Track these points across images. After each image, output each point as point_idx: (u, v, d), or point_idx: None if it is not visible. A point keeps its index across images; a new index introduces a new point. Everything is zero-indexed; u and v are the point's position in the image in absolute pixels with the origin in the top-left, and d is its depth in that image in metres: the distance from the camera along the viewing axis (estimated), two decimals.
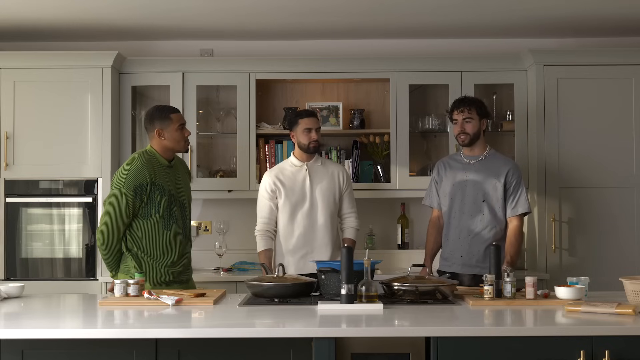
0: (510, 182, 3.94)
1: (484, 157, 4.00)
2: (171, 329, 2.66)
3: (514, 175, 3.95)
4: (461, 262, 3.93)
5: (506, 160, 4.05)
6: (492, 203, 3.93)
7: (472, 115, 3.95)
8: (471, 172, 3.98)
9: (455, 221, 3.98)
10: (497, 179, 3.94)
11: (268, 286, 3.18)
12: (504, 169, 3.95)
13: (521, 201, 3.94)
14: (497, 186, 3.93)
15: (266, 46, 5.17)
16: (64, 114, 4.73)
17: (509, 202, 3.94)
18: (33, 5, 4.34)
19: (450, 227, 4.00)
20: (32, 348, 2.67)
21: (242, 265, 4.92)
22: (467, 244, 3.93)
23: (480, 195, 3.94)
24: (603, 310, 2.85)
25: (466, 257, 3.93)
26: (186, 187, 3.80)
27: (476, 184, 3.95)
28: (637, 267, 4.58)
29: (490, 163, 3.98)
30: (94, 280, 4.70)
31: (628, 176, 4.69)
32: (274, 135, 4.95)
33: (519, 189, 3.95)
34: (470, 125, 3.95)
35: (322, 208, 4.08)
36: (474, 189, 3.95)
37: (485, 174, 3.95)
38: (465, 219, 3.95)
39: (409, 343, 2.65)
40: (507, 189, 3.94)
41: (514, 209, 3.94)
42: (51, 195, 4.76)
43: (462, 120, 3.95)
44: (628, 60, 4.70)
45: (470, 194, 3.96)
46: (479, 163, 3.99)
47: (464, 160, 4.03)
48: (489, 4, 4.38)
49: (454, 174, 4.02)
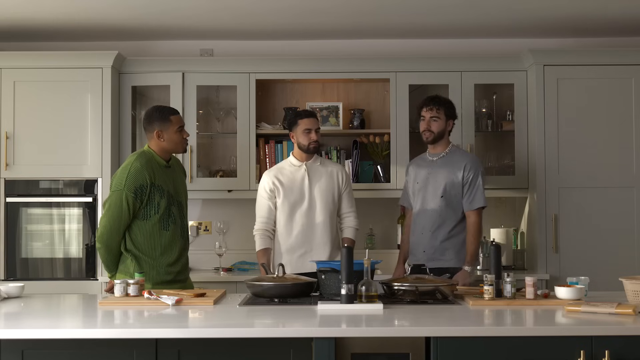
0: (467, 177, 3.96)
1: (446, 154, 4.04)
2: (171, 329, 2.66)
3: (471, 170, 3.96)
4: (425, 257, 3.96)
5: (465, 154, 4.08)
6: (450, 198, 3.96)
7: (439, 115, 3.99)
8: (434, 169, 4.03)
9: (418, 218, 4.04)
10: (454, 174, 3.97)
11: (268, 286, 3.18)
12: (461, 163, 3.98)
13: (477, 195, 3.96)
14: (455, 181, 3.96)
15: (266, 46, 5.18)
16: (64, 114, 4.73)
17: (466, 197, 3.97)
18: (33, 5, 4.34)
19: (416, 224, 4.06)
20: (32, 348, 2.67)
21: (242, 265, 4.92)
22: (427, 238, 3.98)
23: (439, 191, 3.97)
24: (603, 310, 2.85)
25: (429, 251, 3.97)
26: (183, 187, 3.81)
27: (436, 180, 4.00)
28: (637, 267, 4.58)
29: (450, 159, 4.02)
30: (94, 280, 4.70)
31: (628, 176, 4.69)
32: (274, 135, 4.95)
33: (476, 183, 3.96)
34: (436, 124, 3.99)
35: (321, 207, 4.08)
36: (434, 185, 4.00)
37: (446, 169, 3.99)
38: (427, 214, 4.00)
39: (409, 343, 2.65)
40: (465, 183, 3.96)
41: (471, 203, 3.96)
42: (51, 195, 4.76)
43: (429, 118, 4.00)
44: (628, 60, 4.70)
45: (431, 190, 4.00)
46: (440, 160, 4.03)
47: (428, 158, 4.09)
48: (489, 4, 4.38)
49: (420, 172, 4.08)
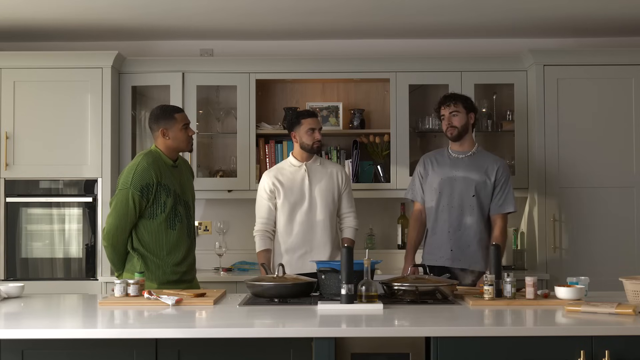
0: (500, 180, 3.97)
1: (473, 154, 4.03)
2: (171, 329, 2.66)
3: (503, 173, 3.99)
4: (451, 256, 3.95)
5: (496, 158, 4.08)
6: (482, 199, 3.96)
7: (458, 109, 3.99)
8: (460, 168, 4.00)
9: (443, 215, 4.00)
10: (487, 175, 3.97)
11: (268, 286, 3.18)
12: (494, 165, 3.99)
13: (509, 199, 3.97)
14: (487, 183, 3.96)
15: (266, 46, 5.18)
16: (64, 114, 4.73)
17: (496, 200, 3.97)
18: (33, 5, 4.34)
19: (438, 222, 4.02)
20: (32, 348, 2.67)
21: (242, 265, 4.92)
22: (457, 238, 3.96)
23: (471, 191, 3.96)
24: (603, 310, 2.85)
25: (456, 251, 3.95)
26: (190, 187, 3.82)
27: (466, 179, 3.97)
28: (637, 267, 4.58)
29: (480, 159, 4.01)
30: (94, 280, 4.70)
31: (628, 176, 4.69)
32: (274, 135, 4.95)
33: (507, 187, 3.98)
34: (457, 119, 3.99)
35: (321, 207, 4.08)
36: (464, 184, 3.97)
37: (476, 169, 3.98)
38: (455, 213, 3.97)
39: (409, 343, 2.65)
40: (496, 186, 3.97)
41: (501, 206, 3.96)
42: (51, 195, 4.76)
43: (448, 115, 4.00)
44: (628, 60, 4.70)
45: (460, 189, 3.97)
46: (468, 159, 4.01)
47: (452, 155, 4.06)
48: (489, 4, 4.38)
49: (442, 169, 4.04)
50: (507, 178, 4.00)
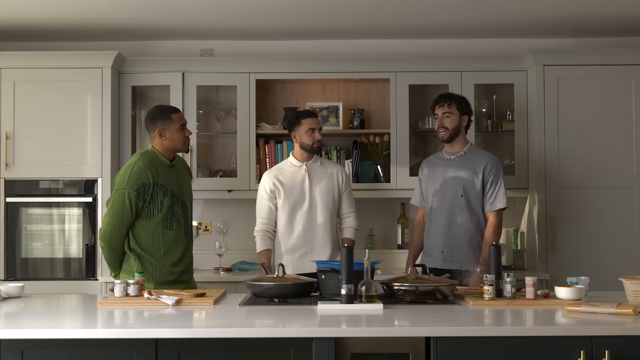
0: (488, 177, 3.93)
1: (464, 153, 4.00)
2: (171, 329, 2.66)
3: (491, 170, 3.93)
4: (442, 258, 3.95)
5: (485, 154, 4.03)
6: (470, 198, 3.93)
7: (451, 110, 3.96)
8: (451, 168, 3.98)
9: (436, 217, 3.99)
10: (475, 173, 3.93)
11: (268, 286, 3.18)
12: (482, 163, 3.94)
13: (499, 196, 3.93)
14: (476, 181, 3.93)
15: (266, 46, 5.18)
16: (64, 114, 4.73)
17: (487, 198, 3.94)
18: (33, 5, 4.34)
19: (432, 223, 4.02)
20: (32, 348, 2.67)
21: (242, 265, 4.92)
22: (448, 239, 3.94)
23: (459, 190, 3.94)
24: (603, 310, 2.85)
25: (447, 252, 3.94)
26: (187, 187, 3.81)
27: (455, 179, 3.96)
28: (637, 267, 4.58)
29: (470, 158, 3.98)
30: (94, 280, 4.70)
31: (628, 176, 4.69)
32: (274, 135, 4.95)
33: (497, 183, 3.93)
34: (449, 120, 3.96)
35: (322, 208, 4.08)
36: (453, 184, 3.96)
37: (465, 169, 3.96)
38: (445, 214, 3.96)
39: (409, 343, 2.65)
40: (485, 183, 3.94)
41: (492, 204, 3.93)
42: (51, 195, 4.76)
43: (441, 115, 3.98)
44: (628, 60, 4.70)
45: (450, 190, 3.96)
46: (458, 159, 4.00)
47: (445, 157, 4.05)
48: (489, 4, 4.38)
49: (436, 171, 4.04)
50: (497, 174, 3.94)
